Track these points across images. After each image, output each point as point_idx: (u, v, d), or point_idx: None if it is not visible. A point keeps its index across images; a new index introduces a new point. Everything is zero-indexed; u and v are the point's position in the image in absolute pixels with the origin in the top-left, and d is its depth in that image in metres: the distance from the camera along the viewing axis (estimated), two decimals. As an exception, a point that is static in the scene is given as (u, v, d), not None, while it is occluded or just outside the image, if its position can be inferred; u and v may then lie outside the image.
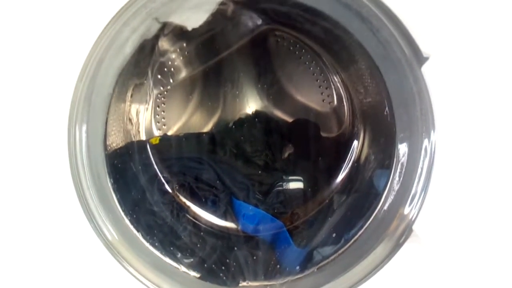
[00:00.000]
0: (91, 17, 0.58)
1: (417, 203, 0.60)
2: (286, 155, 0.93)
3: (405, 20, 0.57)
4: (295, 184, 0.87)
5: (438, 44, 0.57)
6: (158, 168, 0.87)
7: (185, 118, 0.92)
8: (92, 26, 0.58)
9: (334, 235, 0.75)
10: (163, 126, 0.92)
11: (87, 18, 0.57)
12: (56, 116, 0.59)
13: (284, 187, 0.87)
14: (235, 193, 0.85)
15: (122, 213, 0.69)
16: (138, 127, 0.89)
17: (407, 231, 0.61)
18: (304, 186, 0.87)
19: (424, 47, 0.57)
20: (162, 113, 0.91)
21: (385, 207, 0.65)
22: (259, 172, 0.88)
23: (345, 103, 0.91)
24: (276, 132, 0.90)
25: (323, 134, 0.92)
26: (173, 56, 0.84)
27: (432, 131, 0.58)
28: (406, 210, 0.61)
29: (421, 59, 0.58)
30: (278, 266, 0.77)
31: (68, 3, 0.57)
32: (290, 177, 0.88)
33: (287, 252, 0.80)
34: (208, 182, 0.85)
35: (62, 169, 0.60)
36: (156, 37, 0.71)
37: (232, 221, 0.86)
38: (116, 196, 0.68)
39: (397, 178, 0.64)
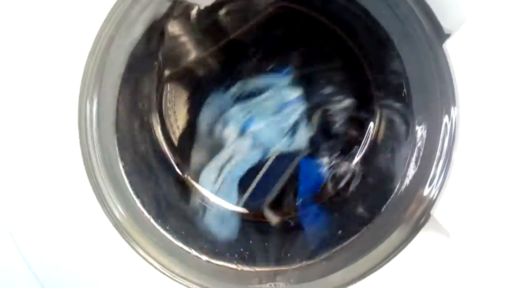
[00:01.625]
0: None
1: (436, 185, 0.58)
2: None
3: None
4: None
5: (460, 19, 0.54)
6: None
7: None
8: (101, 2, 0.57)
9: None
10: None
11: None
12: (67, 92, 0.58)
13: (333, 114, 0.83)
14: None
15: (134, 196, 0.68)
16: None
17: (425, 216, 0.58)
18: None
19: (445, 23, 0.55)
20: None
21: (402, 190, 0.62)
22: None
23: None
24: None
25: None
26: (183, 38, 0.83)
27: (453, 108, 0.55)
28: (426, 191, 0.59)
29: (442, 36, 0.55)
30: (289, 254, 0.76)
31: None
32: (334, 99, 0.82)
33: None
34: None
35: (72, 151, 0.59)
36: (166, 17, 0.70)
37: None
38: (128, 178, 0.68)
39: (413, 163, 0.62)
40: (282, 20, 0.79)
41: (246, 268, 0.71)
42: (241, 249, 0.75)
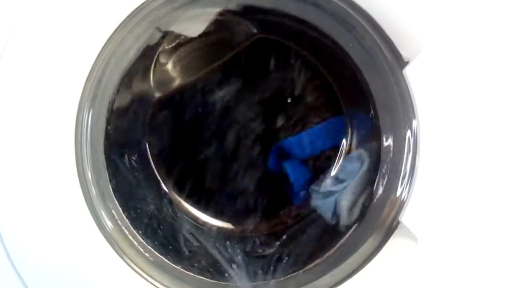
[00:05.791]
0: (99, 25, 0.62)
1: (405, 189, 0.64)
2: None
3: (385, 27, 0.63)
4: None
5: (417, 49, 0.62)
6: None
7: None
8: (99, 33, 0.62)
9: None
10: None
11: (95, 26, 0.62)
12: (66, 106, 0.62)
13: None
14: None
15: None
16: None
17: (395, 222, 0.64)
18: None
19: (404, 52, 0.63)
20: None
21: (376, 198, 0.69)
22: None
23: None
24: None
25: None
26: (171, 65, 0.89)
27: (414, 121, 0.63)
28: (398, 191, 0.65)
29: (402, 63, 0.63)
30: (272, 268, 0.79)
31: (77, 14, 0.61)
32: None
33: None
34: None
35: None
36: (157, 45, 0.76)
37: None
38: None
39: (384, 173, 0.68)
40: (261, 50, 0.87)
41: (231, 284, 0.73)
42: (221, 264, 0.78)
